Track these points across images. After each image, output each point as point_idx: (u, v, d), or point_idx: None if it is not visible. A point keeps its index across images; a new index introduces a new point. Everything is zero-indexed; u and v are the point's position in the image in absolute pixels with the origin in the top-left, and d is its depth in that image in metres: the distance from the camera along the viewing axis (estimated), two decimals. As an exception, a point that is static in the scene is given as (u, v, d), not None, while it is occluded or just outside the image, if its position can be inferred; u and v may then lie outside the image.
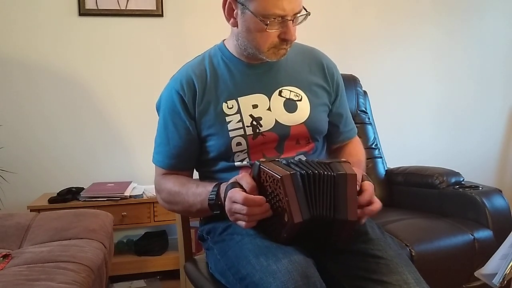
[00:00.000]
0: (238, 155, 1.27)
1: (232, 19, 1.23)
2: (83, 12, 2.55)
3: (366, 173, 1.24)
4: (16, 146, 2.52)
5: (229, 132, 1.25)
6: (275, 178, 1.03)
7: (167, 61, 2.65)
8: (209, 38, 1.48)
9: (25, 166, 2.53)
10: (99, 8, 2.56)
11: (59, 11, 2.54)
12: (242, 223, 1.06)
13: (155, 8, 2.62)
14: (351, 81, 2.40)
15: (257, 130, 1.25)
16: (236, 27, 1.24)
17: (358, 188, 1.11)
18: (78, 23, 2.57)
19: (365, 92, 2.45)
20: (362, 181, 1.14)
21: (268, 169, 1.05)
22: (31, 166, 2.55)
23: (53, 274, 1.30)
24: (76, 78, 2.59)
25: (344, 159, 1.16)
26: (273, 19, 1.16)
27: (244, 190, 1.06)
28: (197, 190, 1.22)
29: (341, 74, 1.43)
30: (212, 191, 1.17)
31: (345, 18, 2.92)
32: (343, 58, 2.85)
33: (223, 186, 1.15)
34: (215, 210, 1.17)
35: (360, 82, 2.44)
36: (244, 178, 1.09)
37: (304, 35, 1.44)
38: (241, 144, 1.25)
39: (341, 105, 1.41)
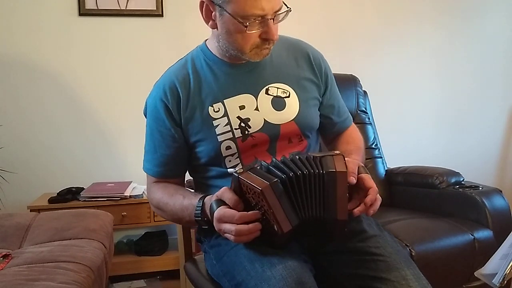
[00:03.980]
0: (229, 160, 1.24)
1: (211, 21, 1.18)
2: (83, 12, 2.55)
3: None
4: (16, 146, 2.52)
5: (218, 136, 1.22)
6: (256, 191, 0.99)
7: (167, 61, 2.60)
8: (209, 38, 1.48)
9: (25, 166, 2.53)
10: (99, 8, 2.56)
11: (59, 11, 2.54)
12: (231, 237, 1.03)
13: (155, 8, 2.62)
14: (351, 81, 2.39)
15: (246, 132, 1.22)
16: (216, 29, 1.19)
17: (355, 180, 1.07)
18: (78, 23, 2.56)
19: (365, 92, 2.45)
20: (359, 173, 1.09)
21: (247, 181, 1.00)
22: (31, 166, 2.55)
23: (53, 274, 1.30)
24: (76, 78, 2.59)
25: (337, 151, 1.10)
26: (252, 20, 1.10)
27: (229, 207, 1.03)
28: (184, 203, 1.20)
29: (341, 74, 1.41)
30: (197, 207, 1.14)
31: (345, 18, 2.91)
32: (343, 58, 2.87)
33: (208, 201, 1.12)
34: (203, 226, 1.16)
35: (360, 82, 2.43)
36: (225, 194, 1.05)
37: (304, 35, 1.44)
38: (230, 148, 1.22)
39: (332, 96, 1.36)
